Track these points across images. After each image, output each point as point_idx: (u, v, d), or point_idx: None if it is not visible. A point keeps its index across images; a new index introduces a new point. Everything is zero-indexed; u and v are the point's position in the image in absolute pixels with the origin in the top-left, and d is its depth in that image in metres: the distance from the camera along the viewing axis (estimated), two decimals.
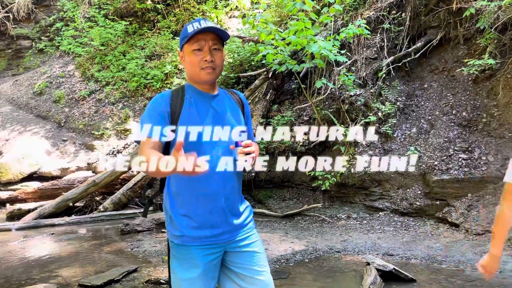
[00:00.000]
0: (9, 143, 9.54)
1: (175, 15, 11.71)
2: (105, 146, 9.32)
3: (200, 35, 1.71)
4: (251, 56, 7.41)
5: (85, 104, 10.63)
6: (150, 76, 10.23)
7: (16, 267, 4.41)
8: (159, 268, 4.10)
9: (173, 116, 1.73)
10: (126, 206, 6.69)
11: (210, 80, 1.77)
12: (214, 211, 1.74)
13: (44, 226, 5.98)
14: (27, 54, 14.40)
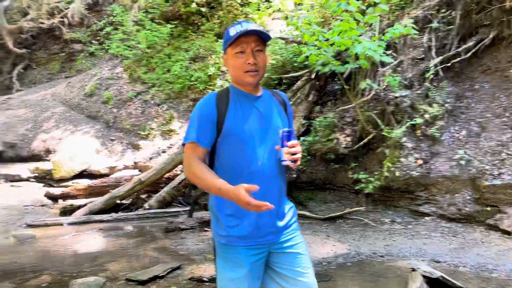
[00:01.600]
0: (62, 142, 10.06)
1: (219, 17, 11.90)
2: (150, 146, 9.62)
3: (242, 38, 1.73)
4: (294, 57, 7.40)
5: (132, 105, 11.02)
6: (194, 78, 10.45)
7: (68, 260, 4.65)
8: (202, 266, 4.18)
9: (219, 119, 1.76)
10: (170, 204, 6.86)
11: (254, 82, 1.79)
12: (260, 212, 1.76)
13: (93, 221, 6.24)
14: (79, 57, 15.11)
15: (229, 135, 1.75)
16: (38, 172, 8.84)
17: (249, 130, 1.76)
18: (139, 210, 6.67)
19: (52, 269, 4.28)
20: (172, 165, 6.99)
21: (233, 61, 1.78)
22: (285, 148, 1.71)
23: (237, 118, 1.77)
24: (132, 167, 8.84)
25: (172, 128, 9.87)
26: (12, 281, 3.93)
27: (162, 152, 9.24)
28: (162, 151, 9.26)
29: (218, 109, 1.77)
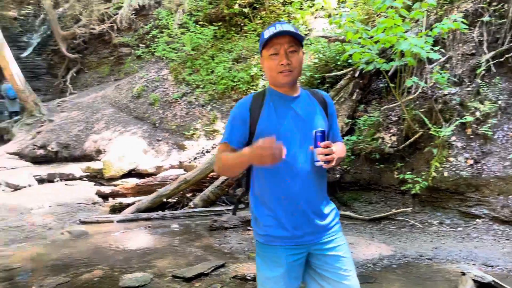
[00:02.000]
0: (112, 142, 10.47)
1: (261, 18, 11.96)
2: (195, 146, 9.82)
3: (275, 40, 1.75)
4: (337, 55, 7.31)
5: (177, 106, 11.30)
6: (237, 79, 10.56)
7: (118, 255, 4.84)
8: (245, 265, 4.23)
9: (252, 120, 1.79)
10: (214, 203, 6.98)
11: (288, 82, 1.80)
12: (296, 212, 1.76)
13: (141, 219, 6.46)
14: (127, 60, 15.67)
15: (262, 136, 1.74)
16: (90, 172, 9.26)
17: (283, 131, 1.76)
18: (184, 209, 6.84)
19: (103, 264, 4.48)
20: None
21: (267, 63, 1.81)
22: (319, 148, 1.70)
23: (270, 119, 1.79)
24: (178, 166, 9.06)
25: (216, 128, 10.03)
26: (67, 275, 4.16)
27: (206, 152, 9.41)
28: (206, 151, 9.43)
29: (251, 111, 1.81)
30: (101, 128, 11.29)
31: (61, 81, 17.69)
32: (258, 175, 1.83)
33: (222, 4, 12.60)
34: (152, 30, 14.91)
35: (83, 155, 10.67)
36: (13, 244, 5.42)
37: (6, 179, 8.15)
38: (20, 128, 12.61)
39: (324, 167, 1.73)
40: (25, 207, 6.89)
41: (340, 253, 1.83)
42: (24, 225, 6.14)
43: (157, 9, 15.19)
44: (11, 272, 4.36)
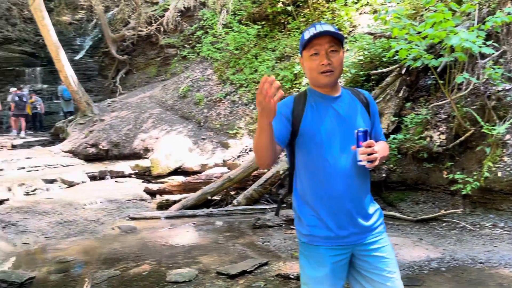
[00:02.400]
0: (159, 141, 10.79)
1: (305, 15, 11.88)
2: (238, 144, 9.93)
3: (315, 40, 1.74)
4: (383, 52, 7.14)
5: (221, 105, 11.46)
6: (280, 77, 10.56)
7: (165, 251, 5.00)
8: (289, 263, 4.24)
9: (295, 120, 1.79)
10: (257, 201, 7.03)
11: (329, 83, 1.79)
12: (339, 212, 1.76)
13: (187, 216, 6.63)
14: (173, 61, 16.08)
15: (305, 137, 1.78)
16: (138, 169, 9.60)
17: (325, 131, 1.76)
18: (228, 206, 6.94)
19: (151, 259, 4.64)
20: None
21: (308, 64, 1.80)
22: (361, 148, 1.69)
23: (313, 119, 1.79)
24: (222, 164, 9.20)
25: None
26: (117, 268, 4.34)
27: (249, 150, 9.49)
28: (249, 150, 9.51)
29: (294, 111, 1.81)
30: (149, 127, 11.67)
31: (111, 82, 18.44)
32: (301, 175, 1.84)
33: (265, 3, 12.64)
34: (197, 31, 15.22)
35: (132, 153, 11.06)
36: (68, 237, 5.73)
37: (61, 176, 8.61)
38: (74, 127, 13.26)
39: (367, 167, 1.71)
40: (79, 203, 7.25)
41: (384, 254, 1.80)
42: (78, 220, 6.46)
43: (201, 10, 15.48)
44: (66, 264, 4.61)
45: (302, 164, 1.83)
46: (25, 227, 5.99)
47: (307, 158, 1.80)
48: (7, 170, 9.17)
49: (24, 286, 3.89)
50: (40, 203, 7.09)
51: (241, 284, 3.78)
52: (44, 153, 11.54)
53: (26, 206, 6.83)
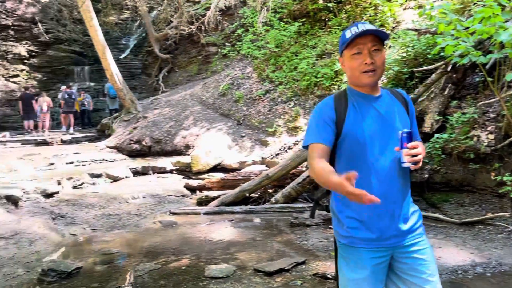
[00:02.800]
0: (199, 138, 10.98)
1: (346, 12, 11.69)
2: (277, 142, 9.93)
3: (358, 39, 1.73)
4: (427, 49, 6.90)
5: (260, 103, 11.50)
6: (320, 75, 10.47)
7: (204, 246, 5.09)
8: (326, 263, 4.21)
9: (339, 121, 1.78)
10: (296, 200, 7.01)
11: (371, 82, 1.77)
12: (381, 214, 1.73)
13: (225, 212, 6.72)
14: (213, 59, 16.28)
15: (348, 137, 1.76)
16: (179, 165, 9.81)
17: (368, 131, 1.74)
18: (266, 204, 6.97)
19: (190, 254, 4.75)
20: (297, 161, 7.13)
21: (350, 63, 1.78)
22: (405, 149, 1.66)
23: (356, 120, 1.77)
24: (260, 162, 9.24)
25: (298, 125, 10.04)
26: (158, 262, 4.48)
27: (288, 148, 9.47)
28: (288, 148, 9.49)
29: (337, 112, 1.80)
30: (189, 124, 11.89)
31: (154, 80, 18.93)
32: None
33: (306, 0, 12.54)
34: (237, 29, 15.33)
35: (174, 149, 11.31)
36: (112, 230, 5.95)
37: (107, 171, 8.94)
38: (118, 124, 13.74)
39: (412, 168, 1.70)
40: (123, 197, 7.51)
41: (423, 257, 1.77)
42: (122, 213, 6.70)
43: (242, 8, 15.57)
44: (111, 256, 4.80)
45: (342, 165, 1.81)
46: (73, 219, 6.28)
47: (349, 159, 1.79)
48: (58, 164, 9.64)
49: (71, 275, 4.08)
50: (86, 196, 7.40)
51: (278, 282, 3.80)
52: (91, 148, 12.04)
53: (74, 199, 7.16)
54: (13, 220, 5.46)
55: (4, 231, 4.97)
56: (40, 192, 6.94)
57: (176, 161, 9.93)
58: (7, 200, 6.04)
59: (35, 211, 6.18)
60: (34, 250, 4.80)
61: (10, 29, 20.66)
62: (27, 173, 8.58)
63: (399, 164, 1.71)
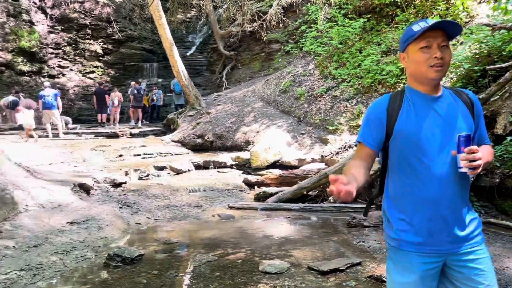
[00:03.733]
0: (259, 134, 11.11)
1: (415, 7, 11.20)
2: (338, 140, 9.77)
3: (428, 33, 1.68)
4: (502, 45, 6.45)
5: (321, 101, 11.38)
6: (385, 72, 10.15)
7: (259, 241, 5.17)
8: (383, 266, 4.10)
9: (390, 121, 1.74)
10: (354, 200, 6.88)
11: (437, 78, 1.70)
12: (434, 218, 1.67)
13: (282, 209, 6.76)
14: (276, 56, 16.35)
15: (400, 137, 1.72)
16: (239, 161, 10.00)
17: (422, 131, 1.69)
18: (324, 203, 6.91)
19: (246, 248, 4.84)
20: None
21: (416, 56, 1.72)
22: (462, 154, 1.59)
23: (409, 119, 1.72)
24: (319, 160, 9.16)
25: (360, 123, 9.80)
26: (214, 254, 4.61)
27: (348, 147, 9.29)
28: (349, 146, 9.31)
29: (388, 111, 1.76)
30: (250, 120, 12.06)
31: (218, 77, 19.40)
32: (394, 177, 1.79)
33: None
34: (301, 26, 15.26)
35: (234, 145, 11.55)
36: (173, 221, 6.22)
37: (170, 164, 9.33)
38: (183, 119, 14.26)
39: (469, 174, 1.62)
40: (184, 189, 7.81)
41: (481, 267, 1.68)
42: (183, 205, 6.97)
43: (305, 5, 15.47)
44: (171, 245, 5.02)
45: (395, 165, 1.78)
46: (138, 208, 6.64)
47: (401, 160, 1.74)
48: (126, 156, 10.22)
49: (134, 261, 4.33)
50: (151, 187, 7.79)
51: (332, 282, 3.77)
52: (156, 142, 12.62)
53: (140, 190, 7.56)
54: (85, 206, 5.89)
55: (77, 217, 5.37)
56: (109, 182, 7.41)
57: (236, 157, 10.13)
58: (80, 188, 6.52)
59: (104, 199, 6.61)
60: (102, 235, 5.14)
61: (88, 28, 22.16)
62: (99, 163, 9.18)
63: (456, 168, 1.64)
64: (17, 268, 3.86)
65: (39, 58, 20.33)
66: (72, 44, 21.61)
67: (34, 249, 4.29)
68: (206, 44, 22.37)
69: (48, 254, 4.30)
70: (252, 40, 18.11)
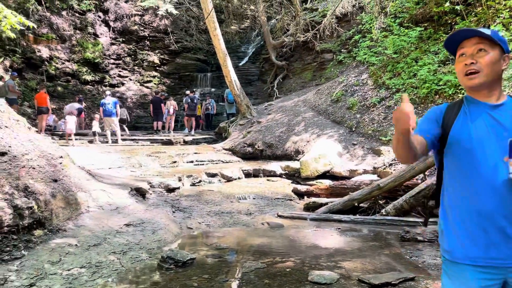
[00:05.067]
0: (309, 144, 11.06)
1: (476, 14, 10.74)
2: (391, 152, 9.51)
3: (465, 41, 1.69)
4: None
5: (375, 111, 11.15)
6: (442, 82, 9.78)
7: (309, 251, 5.14)
8: (438, 283, 3.94)
9: (445, 125, 1.73)
10: (408, 213, 6.66)
11: (473, 85, 1.67)
12: (490, 229, 1.60)
13: (332, 220, 6.67)
14: (328, 66, 16.26)
15: (455, 144, 1.69)
16: (288, 170, 10.00)
17: (477, 139, 1.64)
18: (376, 215, 6.75)
19: (295, 257, 4.83)
20: (412, 173, 6.77)
21: (456, 67, 1.74)
22: None
23: (464, 126, 1.69)
24: (372, 172, 8.97)
25: None
26: (263, 261, 4.64)
27: None
28: None
29: (445, 115, 1.76)
30: (300, 130, 12.04)
31: (269, 86, 19.57)
32: (449, 186, 1.75)
33: (431, 3, 11.83)
34: (354, 35, 15.09)
35: (284, 154, 11.57)
36: (223, 227, 6.33)
37: (221, 171, 9.52)
38: (234, 127, 14.50)
39: None
40: (234, 196, 7.93)
41: None
42: (233, 211, 7.08)
43: (359, 14, 15.30)
44: (221, 251, 5.11)
45: (449, 175, 1.74)
46: (190, 213, 6.83)
47: (455, 168, 1.71)
48: (180, 162, 10.56)
49: (186, 264, 4.45)
50: (203, 193, 7.98)
51: None
52: (208, 149, 12.92)
53: (192, 195, 7.77)
54: (141, 210, 6.14)
55: (134, 219, 5.62)
56: (163, 187, 7.67)
57: (285, 166, 10.14)
58: (137, 192, 6.81)
59: (159, 203, 6.86)
60: (156, 238, 5.33)
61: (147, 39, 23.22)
62: (154, 168, 9.55)
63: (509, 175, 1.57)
64: (78, 265, 4.09)
65: (102, 68, 21.55)
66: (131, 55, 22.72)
67: (94, 248, 4.53)
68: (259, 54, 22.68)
69: (107, 253, 4.53)
70: (304, 50, 18.13)
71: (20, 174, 4.44)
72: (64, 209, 4.89)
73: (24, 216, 4.10)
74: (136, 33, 22.73)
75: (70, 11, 20.99)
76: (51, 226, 4.52)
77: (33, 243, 4.12)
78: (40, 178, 4.74)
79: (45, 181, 4.78)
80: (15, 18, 6.67)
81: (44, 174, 4.86)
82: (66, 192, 5.12)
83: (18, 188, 4.26)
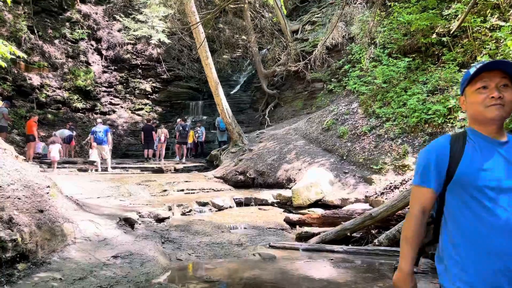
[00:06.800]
0: (301, 172, 11.03)
1: (462, 46, 11.01)
2: (383, 180, 9.51)
3: (485, 73, 1.62)
4: None
5: (365, 139, 11.21)
6: (431, 111, 9.91)
7: (302, 283, 5.02)
8: None
9: (452, 161, 1.64)
10: None
11: (497, 117, 1.61)
12: (500, 272, 1.53)
13: (325, 250, 6.56)
14: (319, 95, 16.45)
15: (463, 181, 1.61)
16: (280, 199, 9.91)
17: (490, 176, 1.57)
18: (368, 245, 6.66)
19: None
20: (404, 202, 6.73)
21: (472, 98, 1.66)
22: None
23: (474, 162, 1.61)
24: (363, 200, 8.92)
25: (406, 163, 9.54)
26: None
27: (394, 187, 9.01)
28: (395, 187, 9.03)
29: (452, 151, 1.66)
30: (292, 158, 12.03)
31: (261, 115, 19.69)
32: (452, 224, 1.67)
33: (418, 34, 12.13)
34: (344, 65, 15.35)
35: (276, 182, 11.51)
36: (214, 258, 6.19)
37: (213, 200, 9.40)
38: (226, 155, 14.46)
39: None
40: (225, 226, 7.80)
41: None
42: (224, 242, 6.94)
43: (349, 45, 15.61)
44: (211, 284, 4.97)
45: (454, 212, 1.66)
46: (180, 244, 6.68)
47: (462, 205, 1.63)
48: (170, 191, 10.43)
49: None
50: (193, 223, 7.84)
51: None
52: (200, 178, 12.82)
53: (182, 225, 7.62)
54: (129, 241, 5.99)
55: (121, 251, 5.47)
56: (153, 217, 7.54)
57: (277, 194, 10.06)
58: (125, 222, 6.66)
59: (148, 234, 6.71)
60: (144, 271, 5.18)
61: (139, 67, 23.38)
62: (144, 197, 9.41)
63: None
64: None
65: (93, 96, 21.55)
66: (123, 83, 22.81)
67: (79, 281, 4.38)
68: (250, 83, 22.92)
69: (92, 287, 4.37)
70: (295, 79, 18.36)
71: (5, 205, 4.33)
72: (50, 241, 4.75)
73: (7, 249, 3.96)
74: (129, 62, 22.89)
75: (62, 39, 21.14)
76: (35, 259, 4.38)
77: (15, 277, 3.98)
78: (26, 208, 4.62)
79: (30, 211, 4.66)
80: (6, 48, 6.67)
81: (30, 205, 4.74)
82: (52, 223, 4.98)
83: (1, 220, 4.13)
